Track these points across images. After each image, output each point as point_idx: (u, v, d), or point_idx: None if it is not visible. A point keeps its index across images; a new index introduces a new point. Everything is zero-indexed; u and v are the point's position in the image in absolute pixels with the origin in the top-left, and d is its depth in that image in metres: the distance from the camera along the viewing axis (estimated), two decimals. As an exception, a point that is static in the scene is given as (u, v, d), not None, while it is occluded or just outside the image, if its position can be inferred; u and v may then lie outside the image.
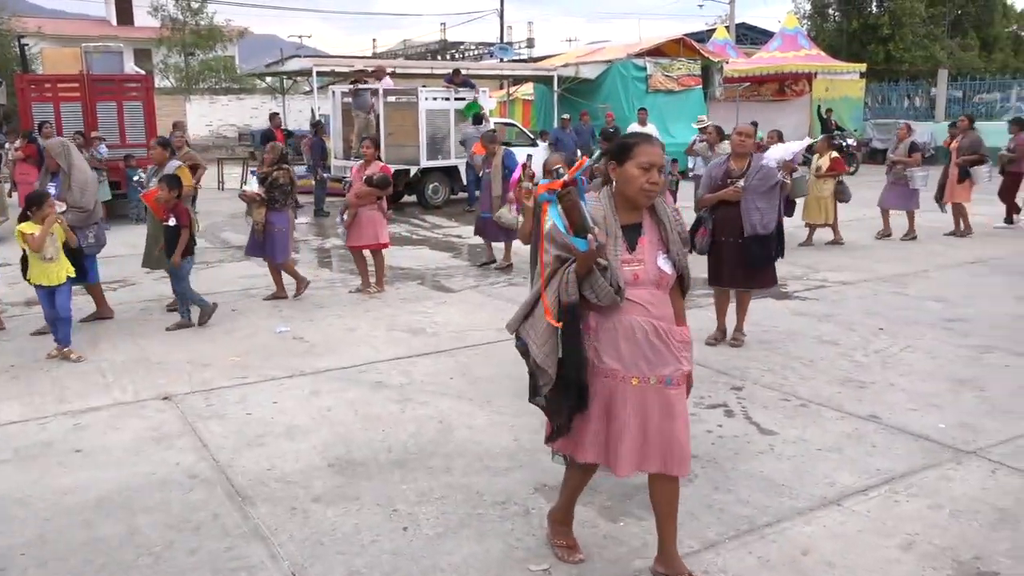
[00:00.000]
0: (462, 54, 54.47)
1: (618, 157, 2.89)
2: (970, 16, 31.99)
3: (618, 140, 3.00)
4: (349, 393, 5.37)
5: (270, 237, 7.85)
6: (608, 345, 2.90)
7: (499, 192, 9.19)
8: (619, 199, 2.93)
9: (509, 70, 21.27)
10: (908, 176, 11.16)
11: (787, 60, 25.00)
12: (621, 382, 2.90)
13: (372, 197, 8.16)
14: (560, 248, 2.86)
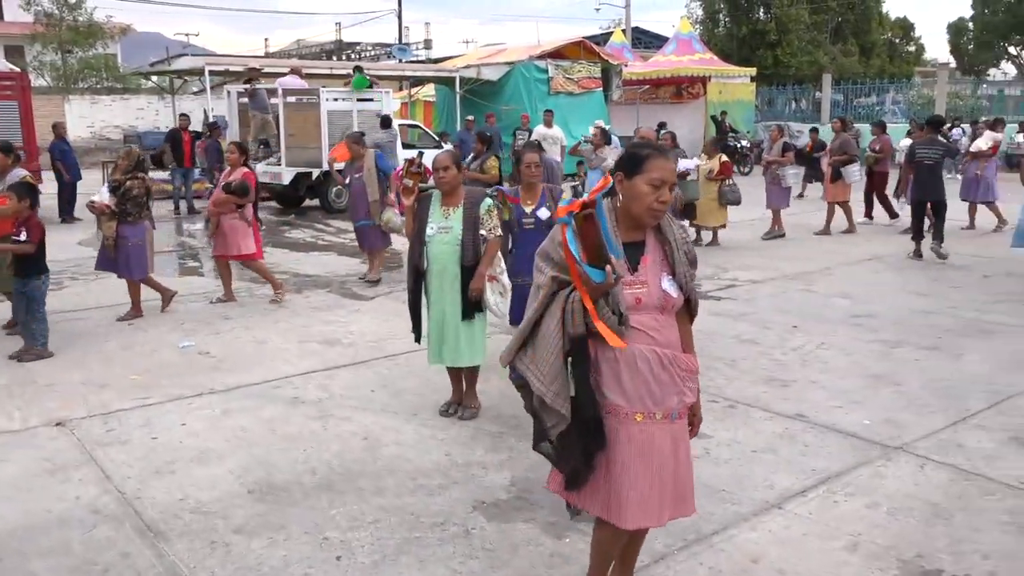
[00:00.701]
0: (358, 55, 53.62)
1: (627, 169, 2.57)
2: (850, 24, 33.61)
3: (628, 150, 2.63)
4: (264, 411, 5.05)
5: (124, 252, 7.15)
6: (609, 378, 2.57)
7: (376, 196, 8.58)
8: (622, 215, 2.61)
9: (411, 71, 20.94)
10: (781, 175, 11.57)
11: (682, 64, 25.60)
12: (624, 419, 2.57)
13: (230, 205, 7.66)
14: (559, 269, 2.54)
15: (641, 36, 38.99)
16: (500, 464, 4.26)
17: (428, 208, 4.72)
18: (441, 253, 4.66)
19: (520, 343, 2.65)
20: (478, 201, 4.70)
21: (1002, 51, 46.68)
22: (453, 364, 4.82)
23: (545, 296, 2.57)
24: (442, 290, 4.71)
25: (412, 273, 4.77)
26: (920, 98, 27.74)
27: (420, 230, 4.69)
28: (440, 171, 4.61)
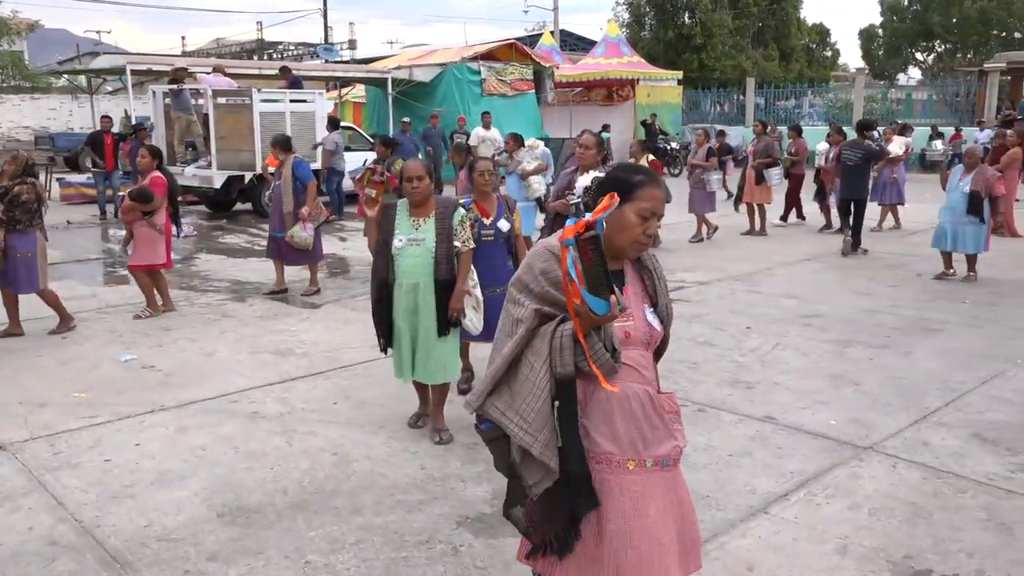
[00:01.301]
0: (280, 54, 52.49)
1: (619, 193, 2.28)
2: (770, 29, 34.60)
3: (617, 175, 2.38)
4: (223, 428, 4.82)
5: (11, 264, 6.60)
6: (600, 422, 2.27)
7: (291, 208, 8.01)
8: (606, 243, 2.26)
9: (342, 71, 20.55)
10: (705, 179, 11.67)
11: (612, 67, 25.90)
12: (616, 468, 2.27)
13: (136, 213, 7.31)
14: (541, 300, 2.28)
15: (567, 39, 39.33)
16: (478, 476, 4.16)
17: (394, 218, 4.46)
18: (412, 267, 4.40)
19: (492, 386, 2.28)
20: (451, 211, 4.49)
21: (910, 56, 48.77)
22: (427, 381, 4.63)
23: (526, 332, 2.25)
24: (415, 305, 4.44)
25: (377, 286, 4.52)
26: (838, 101, 28.71)
27: (386, 242, 4.43)
28: (414, 180, 4.36)
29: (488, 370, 2.32)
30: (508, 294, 2.36)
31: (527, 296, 2.30)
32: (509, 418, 2.24)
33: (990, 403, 5.13)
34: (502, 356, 2.28)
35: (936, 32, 44.97)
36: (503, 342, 2.32)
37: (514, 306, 2.32)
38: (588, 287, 2.07)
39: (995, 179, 8.58)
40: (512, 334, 2.29)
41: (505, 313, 2.35)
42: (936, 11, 43.39)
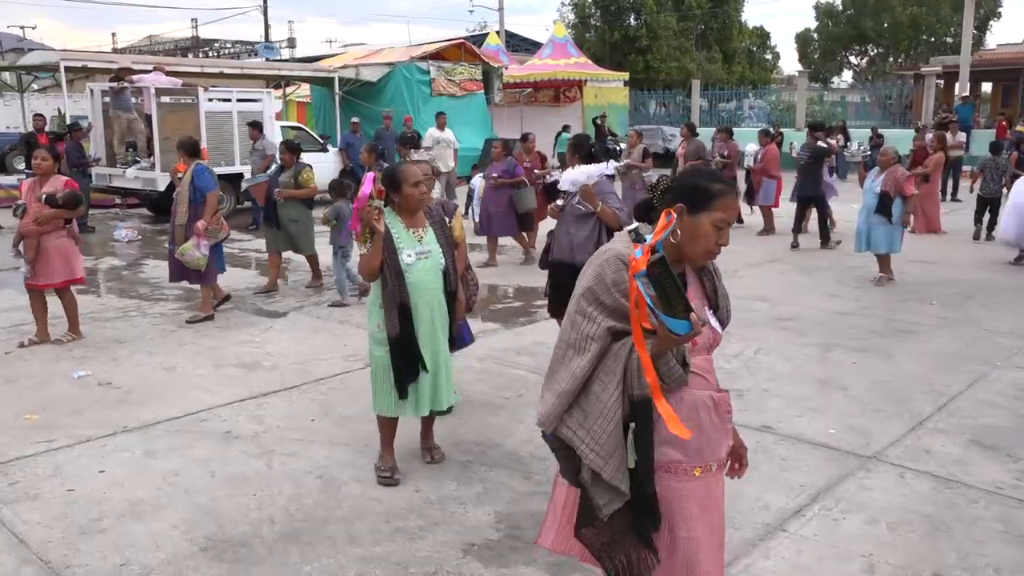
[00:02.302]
0: (217, 52, 51.20)
1: (691, 203, 2.19)
2: (713, 32, 35.05)
3: (695, 182, 2.24)
4: (195, 450, 4.49)
5: None
6: (668, 432, 2.14)
7: (184, 220, 7.06)
8: (671, 248, 2.16)
9: (288, 70, 20.02)
10: (645, 180, 11.41)
11: (559, 67, 25.85)
12: (683, 477, 2.21)
13: (59, 221, 6.44)
14: (615, 315, 2.14)
15: (511, 39, 39.25)
16: (478, 498, 3.93)
17: (389, 234, 3.90)
18: (426, 283, 3.95)
19: (567, 404, 2.19)
20: (444, 215, 4.18)
21: (844, 60, 50.05)
22: (443, 407, 4.17)
23: (600, 350, 2.15)
24: (434, 327, 4.01)
25: (398, 314, 3.87)
26: (781, 103, 29.20)
27: (393, 261, 3.88)
28: (421, 185, 3.94)
29: (555, 386, 2.22)
30: (577, 306, 2.21)
31: (599, 310, 2.18)
32: (580, 438, 2.18)
33: (980, 407, 5.11)
34: (573, 375, 2.18)
35: (869, 37, 46.23)
36: (570, 356, 2.20)
37: (585, 320, 2.19)
38: (666, 310, 1.95)
39: (904, 179, 8.54)
40: (582, 351, 2.18)
41: (572, 326, 2.22)
42: (869, 16, 44.58)
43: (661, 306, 1.95)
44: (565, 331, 2.25)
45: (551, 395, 2.23)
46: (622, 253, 2.17)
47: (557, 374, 2.24)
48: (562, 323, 2.29)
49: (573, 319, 2.22)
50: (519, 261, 10.18)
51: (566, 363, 2.21)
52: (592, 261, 2.25)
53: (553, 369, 2.26)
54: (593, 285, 2.19)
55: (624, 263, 2.13)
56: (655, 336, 2.03)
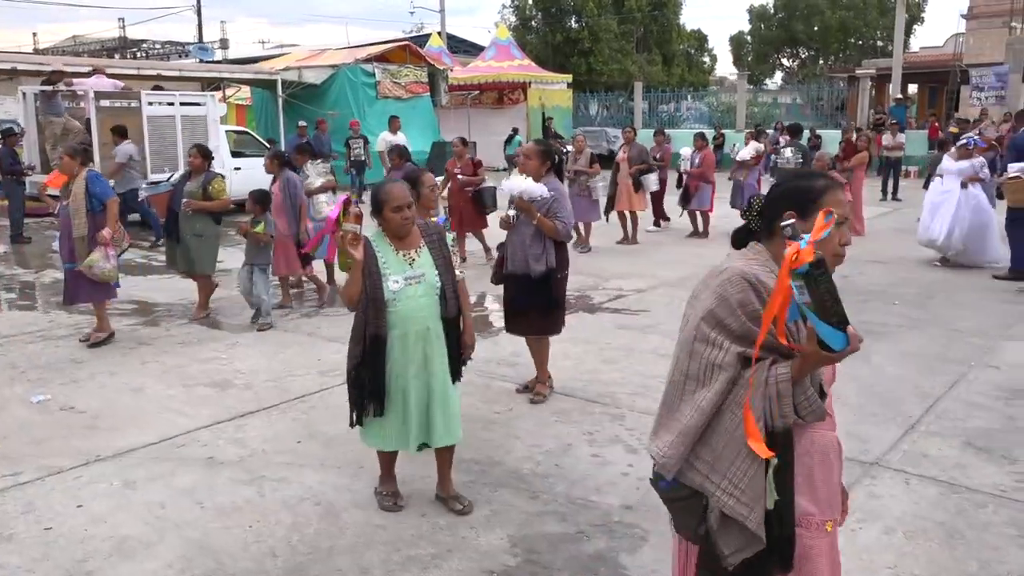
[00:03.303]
0: (146, 53, 49.66)
1: (801, 207, 2.02)
2: (653, 34, 35.46)
3: (796, 183, 2.10)
4: (179, 478, 4.24)
5: None
6: (802, 478, 1.99)
7: (84, 231, 6.51)
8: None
9: (228, 72, 19.45)
10: (591, 187, 11.25)
11: (503, 69, 25.81)
12: (816, 531, 2.01)
13: None
14: (743, 341, 1.95)
15: (450, 41, 39.01)
16: (488, 521, 3.79)
17: (376, 257, 3.61)
18: (418, 310, 3.63)
19: (692, 444, 2.00)
20: (442, 234, 3.83)
21: (777, 62, 51.24)
22: (448, 442, 3.82)
23: (728, 380, 1.95)
24: (427, 357, 3.67)
25: (369, 343, 3.61)
26: (721, 105, 29.67)
27: (375, 287, 3.58)
28: (404, 209, 3.59)
29: (674, 423, 2.01)
30: (696, 332, 2.01)
31: (724, 335, 1.97)
32: (715, 483, 1.97)
33: (966, 408, 5.18)
34: (699, 409, 1.97)
35: (800, 40, 47.46)
36: (691, 389, 1.99)
37: (709, 347, 1.98)
38: (826, 319, 1.77)
39: None
40: (707, 382, 1.97)
41: (692, 355, 2.01)
42: (800, 20, 45.74)
43: (819, 314, 1.77)
44: (681, 361, 2.05)
45: (670, 434, 2.02)
46: (745, 271, 1.99)
47: (676, 410, 2.03)
48: (676, 352, 2.08)
49: (692, 347, 2.02)
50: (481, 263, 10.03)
51: (687, 396, 2.01)
52: (707, 281, 2.06)
53: (669, 403, 2.06)
54: (715, 308, 1.98)
55: (749, 282, 1.97)
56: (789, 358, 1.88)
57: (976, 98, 22.57)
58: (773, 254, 2.07)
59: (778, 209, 2.06)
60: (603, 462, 4.41)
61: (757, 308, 1.94)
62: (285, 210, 7.66)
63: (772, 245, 2.08)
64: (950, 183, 9.67)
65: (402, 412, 3.69)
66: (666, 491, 2.09)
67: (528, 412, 5.16)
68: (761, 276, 1.99)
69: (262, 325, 7.20)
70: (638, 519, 3.78)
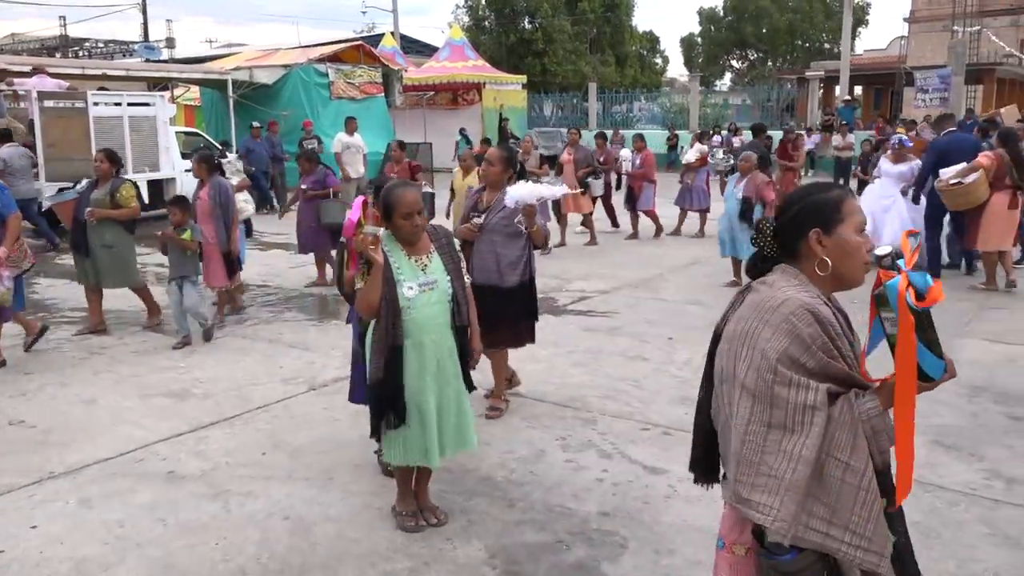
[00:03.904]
0: (88, 52, 48.40)
1: (823, 221, 1.97)
2: (606, 36, 35.67)
3: (812, 199, 2.03)
4: (139, 495, 4.07)
5: None
6: None
7: None
8: (823, 282, 1.98)
9: (177, 72, 18.98)
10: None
11: (458, 70, 25.70)
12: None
13: None
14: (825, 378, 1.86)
15: (402, 41, 38.72)
16: (464, 531, 3.70)
17: (387, 264, 3.42)
18: (432, 318, 3.49)
19: (802, 499, 1.84)
20: (451, 238, 3.68)
21: (726, 63, 51.99)
22: (465, 449, 3.77)
23: (824, 422, 1.83)
24: (441, 366, 3.54)
25: (386, 354, 3.42)
26: (674, 106, 29.96)
27: (391, 294, 3.40)
28: (415, 217, 3.41)
29: (770, 481, 1.84)
30: (776, 375, 1.85)
31: (806, 376, 1.85)
32: (838, 538, 1.85)
33: (931, 406, 5.22)
34: (801, 460, 1.82)
35: (749, 42, 48.24)
36: (777, 439, 1.85)
37: (795, 390, 1.83)
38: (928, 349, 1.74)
39: (765, 185, 8.53)
40: (798, 428, 1.83)
41: (773, 401, 1.86)
42: (749, 22, 46.50)
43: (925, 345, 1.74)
44: (758, 411, 1.87)
45: (771, 495, 1.83)
46: (806, 301, 1.89)
47: (763, 466, 1.85)
48: (741, 404, 1.90)
49: (771, 393, 1.85)
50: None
51: (772, 448, 1.85)
52: (762, 316, 1.90)
53: (750, 462, 1.87)
54: (789, 347, 1.85)
55: (812, 313, 1.87)
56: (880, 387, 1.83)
57: (921, 100, 23.08)
58: (807, 276, 2.00)
59: (801, 228, 2.00)
60: (577, 467, 4.35)
61: (827, 341, 1.86)
62: (214, 217, 7.16)
63: (803, 266, 2.02)
64: (890, 188, 9.60)
65: (420, 425, 3.52)
66: (791, 563, 1.90)
67: (498, 418, 5.08)
68: (817, 305, 1.91)
69: (206, 333, 6.84)
70: (616, 526, 3.73)
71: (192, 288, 6.75)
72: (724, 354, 2.02)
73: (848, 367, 1.90)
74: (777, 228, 2.07)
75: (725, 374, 1.99)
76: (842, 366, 1.88)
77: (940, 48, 29.79)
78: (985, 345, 6.61)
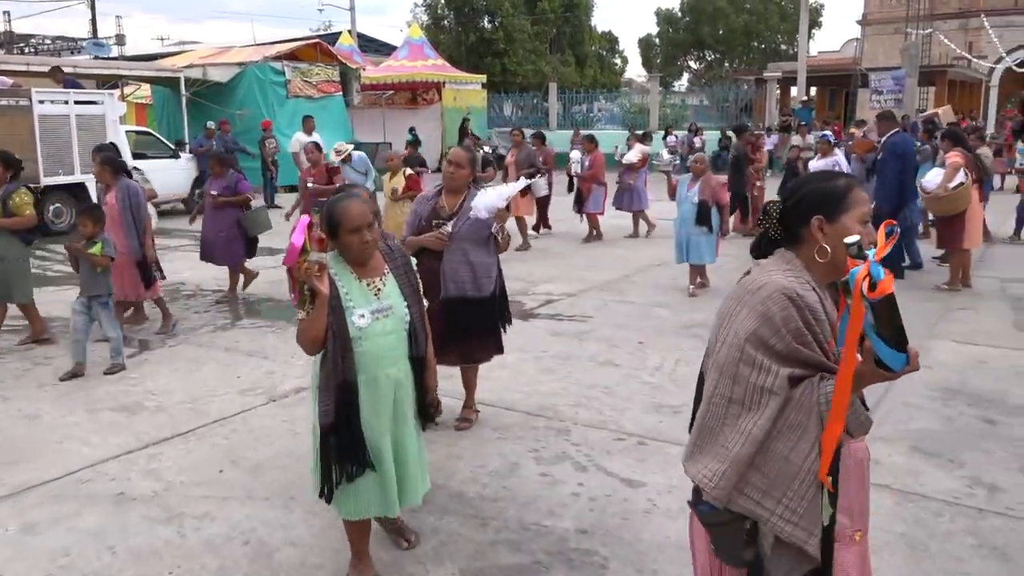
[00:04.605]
0: (34, 49, 47.08)
1: (827, 210, 1.97)
2: (566, 36, 35.65)
3: (816, 186, 2.04)
4: (85, 519, 3.80)
5: None
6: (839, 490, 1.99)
7: None
8: (821, 269, 1.98)
9: (127, 69, 18.43)
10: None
11: (417, 69, 25.42)
12: (846, 542, 2.05)
13: None
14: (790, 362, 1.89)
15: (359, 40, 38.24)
16: (435, 553, 3.51)
17: (335, 288, 2.94)
18: (387, 350, 3.01)
19: (743, 472, 1.93)
20: (407, 257, 3.22)
21: (684, 64, 52.37)
22: (418, 501, 3.24)
23: (780, 404, 1.89)
24: (397, 405, 3.09)
25: (341, 394, 2.94)
26: (634, 107, 30.01)
27: (340, 324, 2.92)
28: (363, 231, 2.93)
29: (721, 450, 1.95)
30: (739, 354, 1.92)
31: (771, 358, 1.90)
32: (769, 509, 1.91)
33: (907, 411, 5.18)
34: (749, 436, 1.90)
35: (706, 43, 48.64)
36: (735, 414, 1.93)
37: (756, 371, 1.90)
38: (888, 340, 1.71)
39: (720, 187, 8.43)
40: (754, 407, 1.91)
41: (735, 378, 1.93)
42: (706, 23, 46.88)
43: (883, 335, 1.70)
44: (722, 385, 1.96)
45: (717, 462, 1.94)
46: (785, 287, 1.92)
47: (720, 436, 1.96)
48: (711, 375, 1.99)
49: (735, 370, 1.93)
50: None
51: (731, 422, 1.94)
52: (742, 297, 1.97)
53: (710, 429, 1.99)
54: (759, 328, 1.90)
55: (789, 298, 1.89)
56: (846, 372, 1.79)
57: (876, 101, 23.41)
58: (804, 262, 2.02)
59: (804, 214, 2.02)
60: (552, 481, 4.18)
61: (799, 326, 1.89)
62: (124, 224, 6.60)
63: (801, 252, 2.03)
64: None
65: (378, 472, 3.04)
66: (707, 515, 2.02)
67: (468, 429, 4.89)
68: (799, 290, 1.92)
69: (112, 367, 5.96)
70: (595, 544, 3.56)
71: (103, 311, 6.03)
72: (712, 331, 2.09)
73: (823, 353, 1.92)
74: (782, 212, 2.07)
75: (709, 349, 2.09)
76: (812, 352, 1.90)
77: (892, 50, 30.29)
78: (954, 346, 6.59)
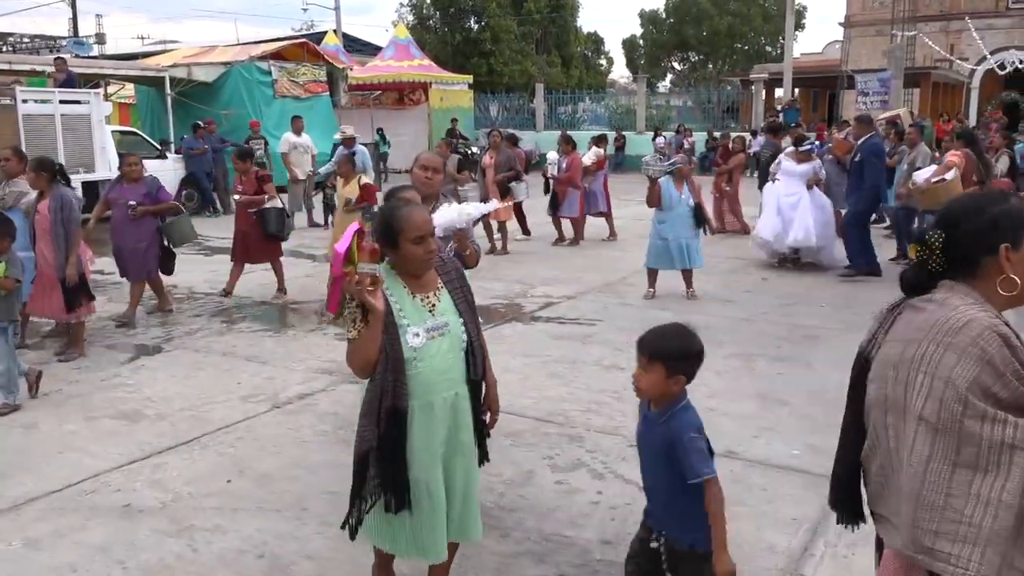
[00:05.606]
0: (13, 47, 46.48)
1: (1010, 238, 1.79)
2: (552, 36, 35.62)
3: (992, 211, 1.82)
4: (91, 533, 3.68)
5: None
6: None
7: None
8: (1001, 301, 1.83)
9: (111, 69, 18.15)
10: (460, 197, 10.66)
11: (403, 69, 25.27)
12: None
13: None
14: (1012, 409, 1.65)
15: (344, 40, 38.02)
16: (459, 567, 3.38)
17: (388, 306, 2.65)
18: (444, 372, 2.74)
19: (1005, 549, 1.63)
20: (461, 271, 2.99)
21: (668, 65, 52.51)
22: (474, 536, 3.01)
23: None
24: (453, 433, 2.81)
25: (390, 420, 2.67)
26: (620, 108, 30.01)
27: (393, 344, 2.64)
28: (428, 238, 2.68)
29: (959, 528, 1.64)
30: (966, 407, 1.64)
31: (998, 407, 1.63)
32: None
33: (919, 415, 5.14)
34: (1002, 505, 1.61)
35: (690, 44, 48.79)
36: (966, 480, 1.64)
37: (988, 425, 1.62)
38: None
39: (699, 189, 8.42)
40: (991, 467, 1.62)
41: (963, 436, 1.65)
42: (690, 24, 47.02)
43: None
44: (940, 447, 1.67)
45: (964, 545, 1.63)
46: (994, 322, 1.70)
47: (949, 511, 1.66)
48: (919, 438, 1.71)
49: (960, 427, 1.65)
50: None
51: (961, 491, 1.65)
52: (939, 338, 1.71)
53: (932, 504, 1.68)
54: (980, 375, 1.64)
55: (1000, 335, 1.67)
56: None
57: (862, 103, 23.51)
58: (983, 295, 1.79)
59: (988, 242, 1.78)
60: (570, 490, 4.11)
61: (1018, 368, 1.66)
62: (54, 237, 6.04)
63: (978, 284, 1.80)
64: (794, 186, 9.74)
65: (428, 511, 2.76)
66: None
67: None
68: (1002, 326, 1.71)
69: (3, 408, 5.14)
70: (620, 555, 3.46)
71: (2, 341, 5.18)
72: (890, 381, 1.81)
73: None
74: (949, 241, 1.83)
75: (891, 403, 1.80)
76: None
77: (875, 52, 30.49)
78: None
